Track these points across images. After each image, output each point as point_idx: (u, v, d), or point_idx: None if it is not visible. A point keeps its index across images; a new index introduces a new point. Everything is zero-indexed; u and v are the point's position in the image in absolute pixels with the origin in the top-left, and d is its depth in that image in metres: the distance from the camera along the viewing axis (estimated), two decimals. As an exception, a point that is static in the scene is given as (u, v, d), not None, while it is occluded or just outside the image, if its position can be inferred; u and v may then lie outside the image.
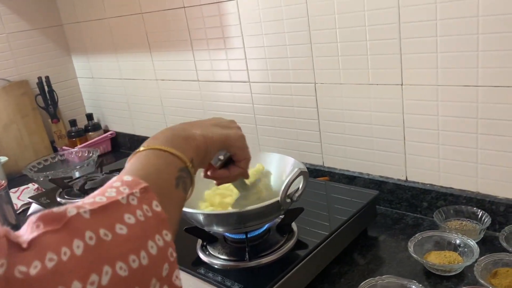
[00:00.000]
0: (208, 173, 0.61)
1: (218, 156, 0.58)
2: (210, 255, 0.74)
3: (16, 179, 1.45)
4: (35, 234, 0.31)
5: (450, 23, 0.77)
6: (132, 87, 1.53)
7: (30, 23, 1.62)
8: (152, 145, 0.47)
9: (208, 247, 0.76)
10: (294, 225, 0.79)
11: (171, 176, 0.45)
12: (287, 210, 0.74)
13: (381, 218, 0.94)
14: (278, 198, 0.65)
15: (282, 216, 0.78)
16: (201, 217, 0.67)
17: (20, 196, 1.25)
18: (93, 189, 1.05)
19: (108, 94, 1.66)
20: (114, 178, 0.41)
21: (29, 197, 1.13)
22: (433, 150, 0.87)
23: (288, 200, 0.66)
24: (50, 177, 1.20)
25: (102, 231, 0.33)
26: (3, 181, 1.08)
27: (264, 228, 0.75)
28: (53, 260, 0.30)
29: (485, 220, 0.81)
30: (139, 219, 0.37)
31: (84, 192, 1.04)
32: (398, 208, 0.96)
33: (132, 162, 0.45)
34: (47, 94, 1.60)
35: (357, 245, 0.85)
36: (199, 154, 0.51)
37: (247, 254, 0.70)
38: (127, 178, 0.40)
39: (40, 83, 1.58)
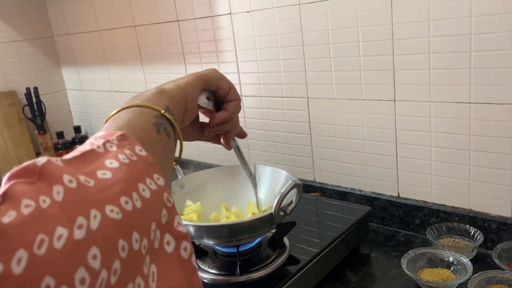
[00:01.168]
0: (210, 123, 0.56)
1: (204, 98, 0.54)
2: (199, 269, 0.72)
3: None
4: (6, 186, 0.26)
5: (443, 40, 0.78)
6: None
7: (21, 34, 1.60)
8: (119, 108, 0.43)
9: (197, 261, 0.74)
10: (286, 240, 0.77)
11: (147, 123, 0.41)
12: (279, 224, 0.73)
13: (373, 235, 0.93)
14: (272, 211, 0.64)
15: (274, 230, 0.76)
16: (191, 229, 0.65)
17: None
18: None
19: (97, 106, 1.64)
20: (86, 140, 0.36)
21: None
22: (425, 167, 0.87)
23: (282, 213, 0.65)
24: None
25: (82, 178, 0.29)
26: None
27: (256, 242, 0.74)
28: (30, 206, 0.25)
29: (478, 238, 0.81)
30: (123, 161, 0.32)
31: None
32: (390, 225, 0.95)
33: (103, 128, 0.41)
34: (34, 105, 1.57)
35: (349, 262, 0.84)
36: (176, 100, 0.47)
37: (238, 268, 0.68)
38: (100, 133, 0.36)
39: (28, 94, 1.56)
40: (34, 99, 1.57)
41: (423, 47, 0.81)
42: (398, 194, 0.93)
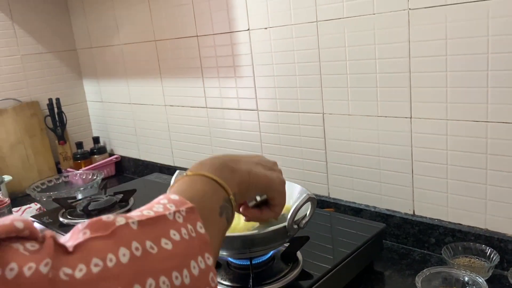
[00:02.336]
0: (241, 209, 0.61)
1: (256, 196, 0.58)
2: (212, 281, 0.72)
3: (19, 199, 1.44)
4: (81, 239, 0.31)
5: (460, 58, 0.78)
6: (140, 112, 1.54)
7: (45, 46, 1.65)
8: (200, 171, 0.48)
9: (210, 272, 0.74)
10: (299, 254, 0.77)
11: (215, 204, 0.46)
12: (293, 238, 0.73)
13: (387, 253, 0.92)
14: (285, 224, 0.64)
15: (287, 244, 0.76)
16: (206, 240, 0.66)
17: (22, 216, 1.24)
18: (96, 210, 1.04)
19: (116, 118, 1.67)
20: (161, 196, 0.42)
21: (31, 216, 1.11)
22: (441, 185, 0.87)
23: (295, 227, 0.65)
24: (53, 197, 1.19)
25: (148, 243, 0.34)
26: (7, 199, 1.07)
27: (269, 255, 0.74)
28: (99, 265, 0.30)
29: (494, 258, 0.79)
30: (184, 237, 0.37)
31: (87, 213, 1.03)
32: (405, 243, 0.94)
33: (179, 184, 0.46)
34: (56, 116, 1.61)
35: (363, 279, 0.83)
36: (242, 189, 0.52)
37: (251, 280, 0.68)
38: (174, 197, 0.41)
39: (50, 105, 1.60)
40: (55, 110, 1.61)
41: (440, 65, 0.81)
42: (413, 212, 0.92)
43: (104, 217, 0.34)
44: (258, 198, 0.59)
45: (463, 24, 0.77)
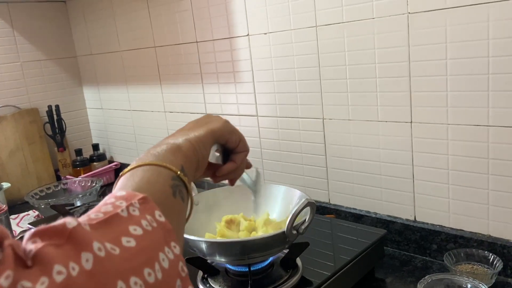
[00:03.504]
0: (216, 174, 0.57)
1: (213, 152, 0.55)
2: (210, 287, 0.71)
3: (18, 206, 1.43)
4: (35, 248, 0.28)
5: (460, 62, 0.78)
6: (140, 119, 1.54)
7: (45, 53, 1.66)
8: (137, 163, 0.44)
9: (209, 279, 0.73)
10: (298, 261, 0.76)
11: (165, 185, 0.42)
12: (292, 244, 0.72)
13: (388, 259, 0.91)
14: (284, 229, 0.63)
15: (286, 251, 0.75)
16: (204, 246, 0.65)
17: (20, 223, 1.23)
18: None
19: (115, 125, 1.67)
20: (107, 197, 0.38)
21: (29, 223, 1.11)
22: (442, 190, 0.86)
23: (294, 232, 0.64)
24: (51, 204, 1.18)
25: (108, 245, 0.30)
26: (4, 206, 1.06)
27: (268, 261, 0.73)
28: (62, 273, 0.27)
29: (497, 265, 0.78)
30: (146, 229, 0.34)
31: (84, 219, 1.02)
32: (407, 250, 0.93)
33: (120, 182, 0.43)
34: (55, 123, 1.61)
35: (364, 286, 0.82)
36: (190, 160, 0.48)
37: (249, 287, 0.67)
38: (121, 193, 0.37)
39: (49, 112, 1.60)
40: (55, 117, 1.61)
41: (440, 69, 0.80)
42: (415, 218, 0.91)
43: (52, 223, 0.30)
44: (216, 151, 0.55)
45: (463, 28, 0.76)
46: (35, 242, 0.28)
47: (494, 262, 0.79)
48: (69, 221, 0.30)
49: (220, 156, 0.56)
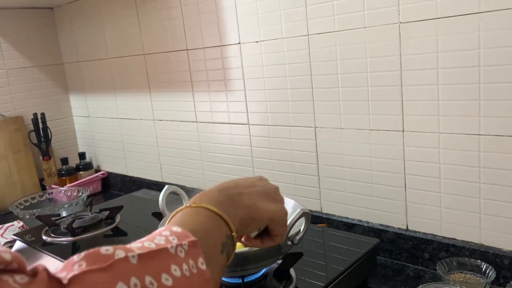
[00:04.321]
0: (242, 239, 0.59)
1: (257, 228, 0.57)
2: (202, 300, 0.69)
3: (1, 217, 1.40)
4: (76, 272, 0.29)
5: (452, 71, 0.78)
6: (128, 127, 1.52)
7: (31, 61, 1.63)
8: (204, 203, 0.47)
9: (201, 291, 0.72)
10: (292, 272, 0.75)
11: (218, 240, 0.45)
12: (286, 254, 0.71)
13: (381, 269, 0.90)
14: (279, 240, 0.62)
15: (280, 261, 0.74)
16: (196, 257, 0.63)
17: (4, 234, 1.20)
18: (81, 228, 1.01)
19: (103, 133, 1.64)
20: (163, 228, 0.40)
21: (14, 234, 1.07)
22: (434, 199, 0.86)
23: (289, 243, 0.63)
24: (36, 214, 1.15)
25: (148, 279, 0.32)
26: (-13, 216, 1.03)
27: (262, 272, 0.72)
28: None
29: (490, 274, 0.78)
30: (185, 273, 0.35)
31: (71, 230, 1.00)
32: (399, 259, 0.92)
33: (181, 215, 0.45)
34: (41, 131, 1.58)
35: (357, 296, 0.81)
36: (243, 224, 0.51)
37: (243, 299, 0.66)
38: (177, 229, 0.40)
39: (35, 120, 1.56)
40: (40, 125, 1.58)
41: (431, 78, 0.81)
42: (407, 226, 0.91)
43: (103, 249, 0.32)
44: (259, 230, 0.57)
45: (454, 37, 0.77)
46: (81, 266, 0.30)
47: (487, 271, 0.79)
48: (118, 251, 0.33)
49: (257, 233, 0.58)
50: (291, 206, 0.76)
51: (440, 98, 0.81)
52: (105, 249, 0.32)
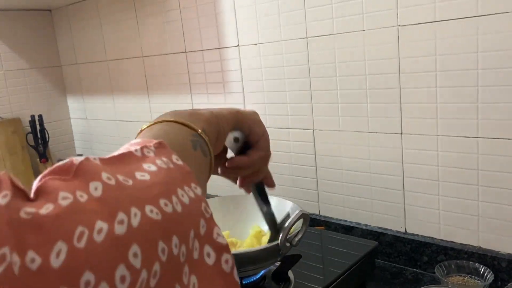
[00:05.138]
0: (227, 163, 0.52)
1: (232, 137, 0.51)
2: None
3: (-3, 218, 1.39)
4: (39, 183, 0.25)
5: (450, 74, 0.79)
6: (126, 129, 1.52)
7: (29, 63, 1.62)
8: (154, 121, 0.42)
9: (199, 293, 0.71)
10: (290, 274, 0.75)
11: (185, 139, 0.39)
12: (284, 256, 0.70)
13: (379, 272, 0.90)
14: (278, 242, 0.62)
15: (278, 264, 0.74)
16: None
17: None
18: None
19: (100, 135, 1.64)
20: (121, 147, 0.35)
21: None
22: (433, 201, 0.86)
23: (288, 244, 0.63)
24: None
25: (120, 177, 0.27)
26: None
27: (260, 274, 0.71)
28: (68, 198, 0.24)
29: (488, 277, 0.78)
30: (161, 166, 0.31)
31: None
32: (397, 262, 0.92)
33: (138, 137, 0.40)
34: (38, 133, 1.57)
35: (355, 299, 0.81)
36: (211, 125, 0.44)
37: (241, 301, 0.66)
38: (135, 140, 0.35)
39: (32, 122, 1.56)
40: (38, 127, 1.57)
41: (430, 81, 0.81)
42: (405, 229, 0.91)
43: (60, 162, 0.27)
44: (237, 136, 0.51)
45: (453, 41, 0.77)
46: (45, 177, 0.25)
47: (485, 274, 0.79)
48: (76, 158, 0.27)
49: (236, 144, 0.52)
50: (289, 208, 0.76)
51: (438, 101, 0.81)
52: (62, 162, 0.27)
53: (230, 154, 0.53)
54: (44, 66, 1.66)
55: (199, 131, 0.41)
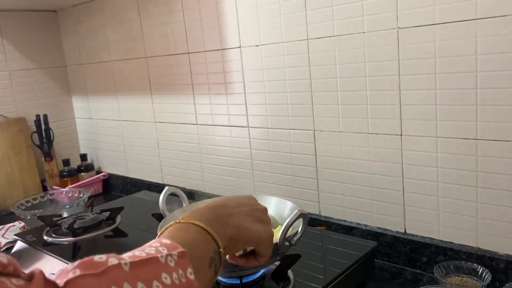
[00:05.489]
0: (227, 257, 0.60)
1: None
2: (201, 300, 0.70)
3: (2, 217, 1.41)
4: (71, 276, 0.31)
5: (449, 76, 0.79)
6: (129, 129, 1.53)
7: (34, 63, 1.64)
8: (193, 219, 0.48)
9: (199, 291, 0.72)
10: (290, 273, 0.76)
11: (206, 254, 0.46)
12: (284, 256, 0.71)
13: (379, 272, 0.91)
14: (276, 241, 0.63)
15: (278, 263, 0.75)
16: (195, 258, 0.64)
17: (5, 234, 1.21)
18: (82, 228, 1.02)
19: (104, 135, 1.65)
20: (153, 240, 0.43)
21: (15, 235, 1.08)
22: (432, 203, 0.86)
23: (287, 244, 0.64)
24: (37, 215, 1.16)
25: (139, 285, 0.34)
26: (-11, 216, 1.04)
27: (260, 273, 0.72)
28: None
29: (486, 277, 0.79)
30: (175, 282, 0.37)
31: (72, 231, 1.01)
32: (397, 262, 0.93)
33: (170, 230, 0.47)
34: (43, 132, 1.59)
35: (354, 298, 0.82)
36: (231, 243, 0.52)
37: (241, 300, 0.67)
38: (166, 241, 0.42)
39: (37, 121, 1.58)
40: (43, 126, 1.59)
41: (429, 83, 0.82)
42: (405, 230, 0.92)
43: (96, 257, 0.34)
44: (244, 250, 0.59)
45: (452, 43, 0.78)
46: (75, 273, 0.32)
47: (483, 275, 0.79)
48: (112, 259, 0.34)
49: (242, 253, 0.59)
50: (289, 208, 0.77)
51: (438, 103, 0.82)
52: (99, 257, 0.34)
53: None
54: (49, 66, 1.68)
55: (221, 250, 0.48)
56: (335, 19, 0.91)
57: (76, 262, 0.33)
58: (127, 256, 0.37)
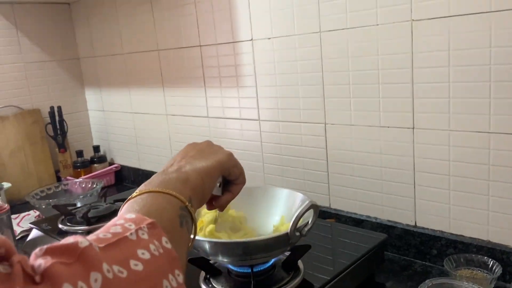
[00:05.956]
0: (214, 203, 0.59)
1: (217, 184, 0.57)
2: (212, 288, 0.72)
3: (17, 206, 1.43)
4: (44, 265, 0.29)
5: (463, 69, 0.79)
6: (141, 121, 1.55)
7: (48, 55, 1.66)
8: (147, 189, 0.46)
9: (211, 280, 0.74)
10: (300, 263, 0.76)
11: (173, 214, 0.44)
12: (294, 246, 0.72)
13: (388, 264, 0.91)
14: (287, 231, 0.64)
15: (288, 253, 0.76)
16: (207, 246, 0.65)
17: (20, 223, 1.23)
18: (96, 217, 1.04)
19: (117, 127, 1.67)
20: (115, 218, 0.39)
21: (30, 223, 1.11)
22: (443, 196, 0.86)
23: (297, 234, 0.65)
24: (52, 204, 1.19)
25: (116, 268, 0.32)
26: (6, 205, 1.06)
27: (271, 263, 0.73)
28: None
29: (496, 270, 0.79)
30: (154, 253, 0.35)
31: (87, 219, 1.03)
32: (407, 255, 0.93)
33: (129, 204, 0.44)
34: (57, 124, 1.61)
35: (364, 290, 0.82)
36: (197, 191, 0.50)
37: (252, 288, 0.68)
38: (130, 215, 0.39)
39: (51, 113, 1.60)
40: (57, 118, 1.61)
41: (443, 76, 0.81)
42: (415, 223, 0.92)
43: (63, 241, 0.31)
44: (219, 184, 0.58)
45: (466, 36, 0.77)
46: (45, 259, 0.29)
47: (494, 268, 0.79)
48: (81, 240, 0.31)
49: (221, 188, 0.58)
50: (299, 199, 0.77)
51: (451, 96, 0.81)
52: (65, 240, 0.31)
53: None
54: (63, 58, 1.70)
55: (187, 203, 0.46)
56: (348, 11, 0.91)
57: (44, 247, 0.30)
58: (91, 239, 0.33)
